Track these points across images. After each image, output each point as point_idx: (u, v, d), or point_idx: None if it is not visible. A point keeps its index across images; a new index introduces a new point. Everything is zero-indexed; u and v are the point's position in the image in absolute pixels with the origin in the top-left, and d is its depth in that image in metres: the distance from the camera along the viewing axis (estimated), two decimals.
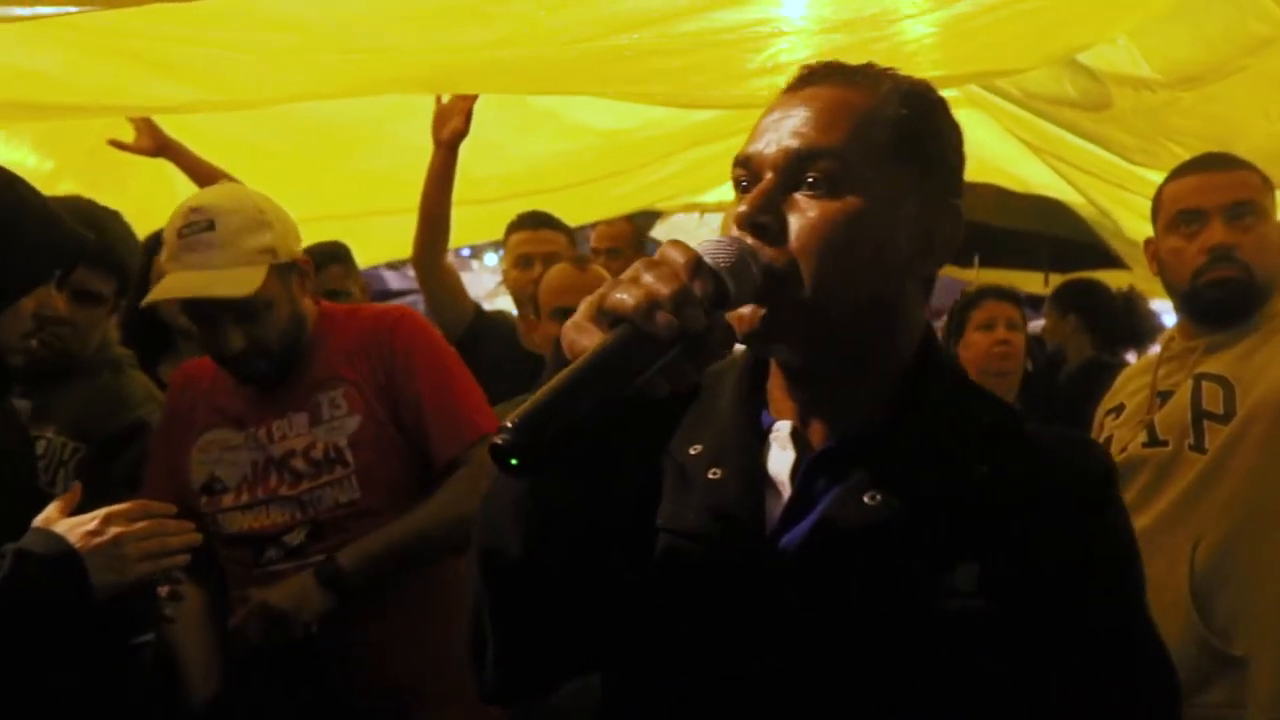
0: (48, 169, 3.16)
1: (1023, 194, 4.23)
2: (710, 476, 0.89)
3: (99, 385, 1.90)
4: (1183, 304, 1.79)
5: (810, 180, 0.84)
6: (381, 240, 3.48)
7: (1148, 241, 1.86)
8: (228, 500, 1.76)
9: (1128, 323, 3.93)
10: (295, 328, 1.74)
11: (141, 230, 2.90)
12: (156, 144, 2.67)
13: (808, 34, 2.03)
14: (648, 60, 2.02)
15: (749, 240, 0.83)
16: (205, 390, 1.81)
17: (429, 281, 2.74)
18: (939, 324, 4.21)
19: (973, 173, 4.20)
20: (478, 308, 2.88)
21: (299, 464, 1.73)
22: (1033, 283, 5.11)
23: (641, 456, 0.82)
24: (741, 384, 0.94)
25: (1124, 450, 1.77)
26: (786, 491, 0.88)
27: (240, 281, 1.65)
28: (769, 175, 0.85)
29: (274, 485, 1.73)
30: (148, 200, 3.21)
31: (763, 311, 0.84)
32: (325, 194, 3.28)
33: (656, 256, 0.76)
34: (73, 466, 1.80)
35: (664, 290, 0.73)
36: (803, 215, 0.84)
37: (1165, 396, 1.77)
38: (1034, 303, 4.64)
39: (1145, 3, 2.00)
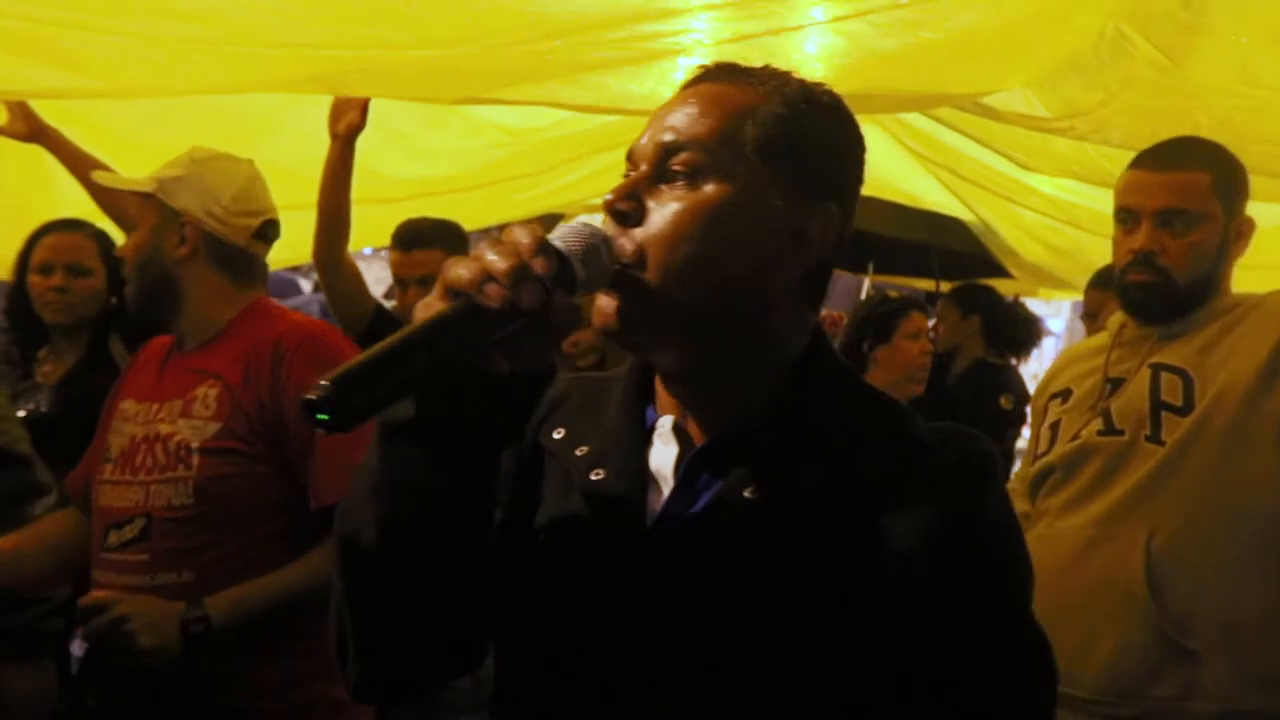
0: None
1: (915, 208, 4.45)
2: (593, 477, 0.91)
3: None
4: (1120, 291, 1.83)
5: (674, 170, 0.86)
6: (289, 235, 3.38)
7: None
8: (106, 471, 1.74)
9: (1024, 327, 4.20)
10: (152, 275, 1.77)
11: (15, 221, 2.77)
12: (31, 129, 2.56)
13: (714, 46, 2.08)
14: (570, 69, 2.05)
15: (611, 230, 0.85)
16: (144, 362, 1.85)
17: (329, 278, 2.70)
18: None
19: (869, 187, 4.42)
20: (378, 305, 2.85)
21: (159, 452, 1.68)
22: (924, 288, 5.40)
23: (497, 441, 0.84)
24: (629, 383, 0.96)
25: (1076, 437, 1.78)
26: (669, 487, 0.90)
27: (130, 182, 1.79)
28: (643, 167, 0.88)
29: (137, 466, 1.69)
30: (21, 190, 3.05)
31: (616, 303, 0.85)
32: None
33: (502, 235, 0.79)
34: None
35: (501, 265, 0.75)
36: (660, 204, 0.86)
37: (1117, 383, 1.78)
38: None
39: (1043, 54, 2.13)
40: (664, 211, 0.86)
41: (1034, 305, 5.77)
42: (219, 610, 1.59)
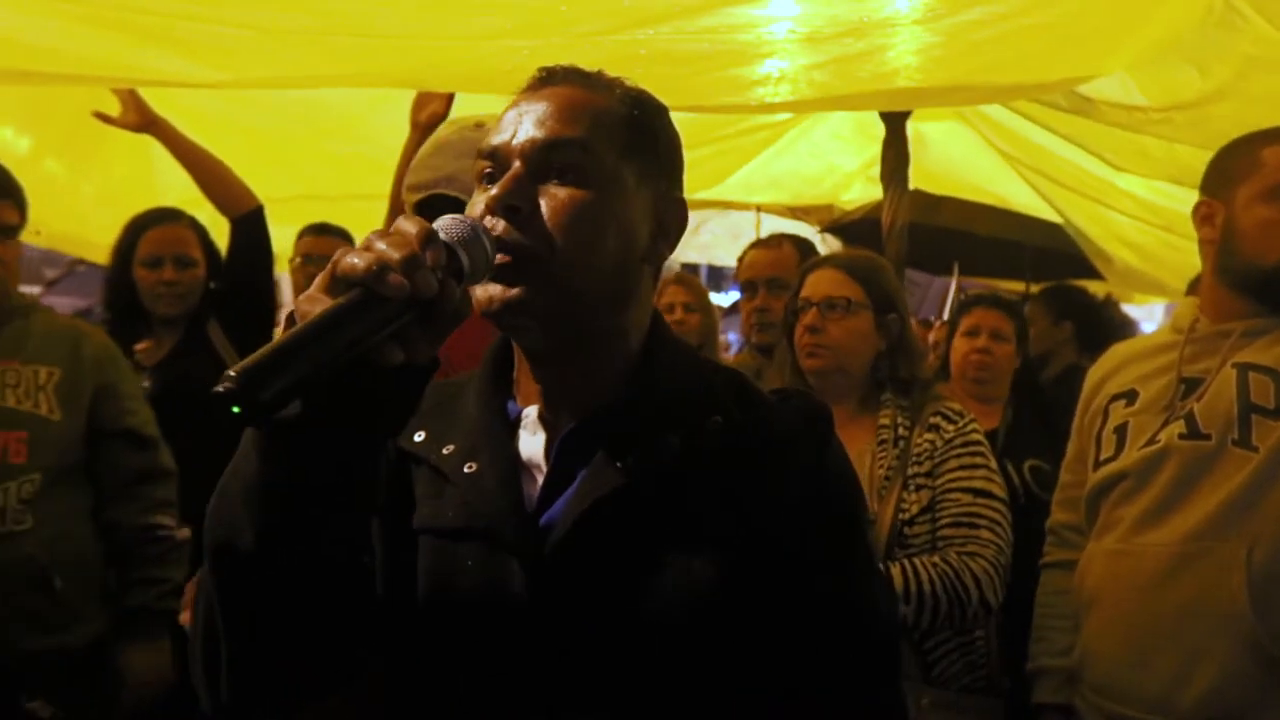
0: (25, 147, 3.16)
1: (1005, 209, 4.39)
2: (466, 470, 0.94)
3: (40, 321, 2.04)
4: (1256, 282, 1.67)
5: (559, 169, 0.92)
6: (367, 223, 3.52)
7: (1203, 203, 1.73)
8: None
9: (1118, 332, 4.08)
10: None
11: (120, 210, 2.91)
12: (143, 119, 2.68)
13: (809, 41, 2.11)
14: (659, 62, 2.09)
15: (492, 222, 0.90)
16: None
17: None
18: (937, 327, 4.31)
19: (956, 188, 4.38)
20: None
21: None
22: (1013, 288, 5.29)
23: (384, 435, 0.85)
24: (485, 379, 1.00)
25: (1153, 441, 1.68)
26: (542, 474, 0.94)
27: None
28: (517, 164, 0.92)
29: None
30: (125, 180, 3.20)
31: (512, 291, 0.90)
32: (307, 175, 3.31)
33: (389, 228, 0.81)
34: (51, 389, 1.96)
35: (395, 255, 0.77)
36: (555, 200, 0.91)
37: (1193, 384, 1.69)
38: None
39: (1143, 35, 2.10)
40: (562, 206, 0.91)
41: (1126, 308, 5.64)
42: None
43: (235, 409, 0.70)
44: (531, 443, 0.96)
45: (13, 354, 1.97)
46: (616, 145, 0.94)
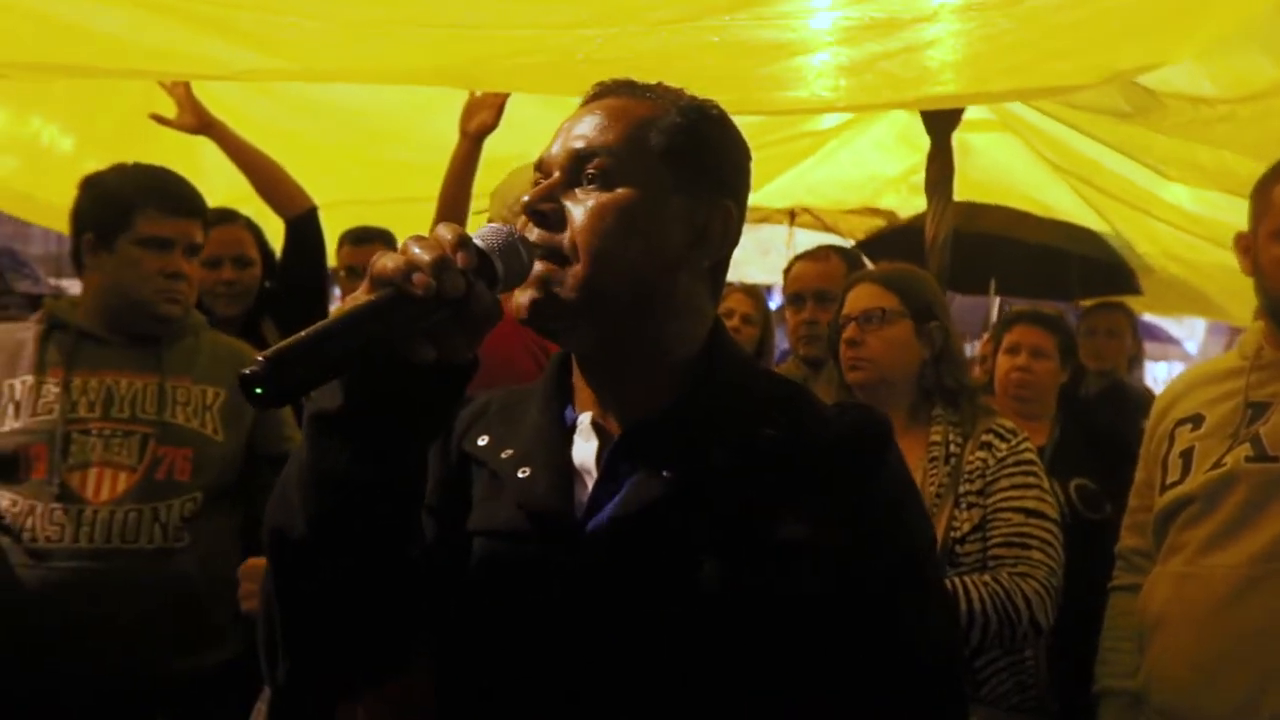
0: (67, 147, 3.19)
1: (1049, 218, 4.38)
2: (520, 475, 0.98)
3: (208, 340, 2.08)
4: None
5: (589, 175, 0.96)
6: (412, 227, 3.54)
7: (1240, 236, 1.82)
8: None
9: None
10: None
11: None
12: (200, 121, 2.72)
13: (872, 28, 2.12)
14: (731, 53, 2.11)
15: (530, 230, 0.95)
16: None
17: None
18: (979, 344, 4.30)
19: (1000, 195, 4.37)
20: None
21: None
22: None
23: (422, 433, 0.90)
24: (547, 386, 1.05)
25: (1219, 464, 1.72)
26: (593, 479, 0.97)
27: None
28: (556, 174, 0.98)
29: None
30: None
31: (540, 294, 0.94)
32: (354, 180, 3.34)
33: (428, 234, 0.86)
34: (217, 410, 2.00)
35: (425, 257, 0.82)
36: (580, 204, 0.96)
37: (1260, 408, 1.73)
38: None
39: (1213, 22, 2.11)
40: (583, 210, 0.95)
41: (1167, 325, 5.62)
42: None
43: (258, 390, 0.75)
44: (585, 449, 0.99)
45: (185, 371, 2.00)
46: (653, 151, 0.98)
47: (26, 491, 1.85)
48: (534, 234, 0.95)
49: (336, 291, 3.51)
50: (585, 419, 1.00)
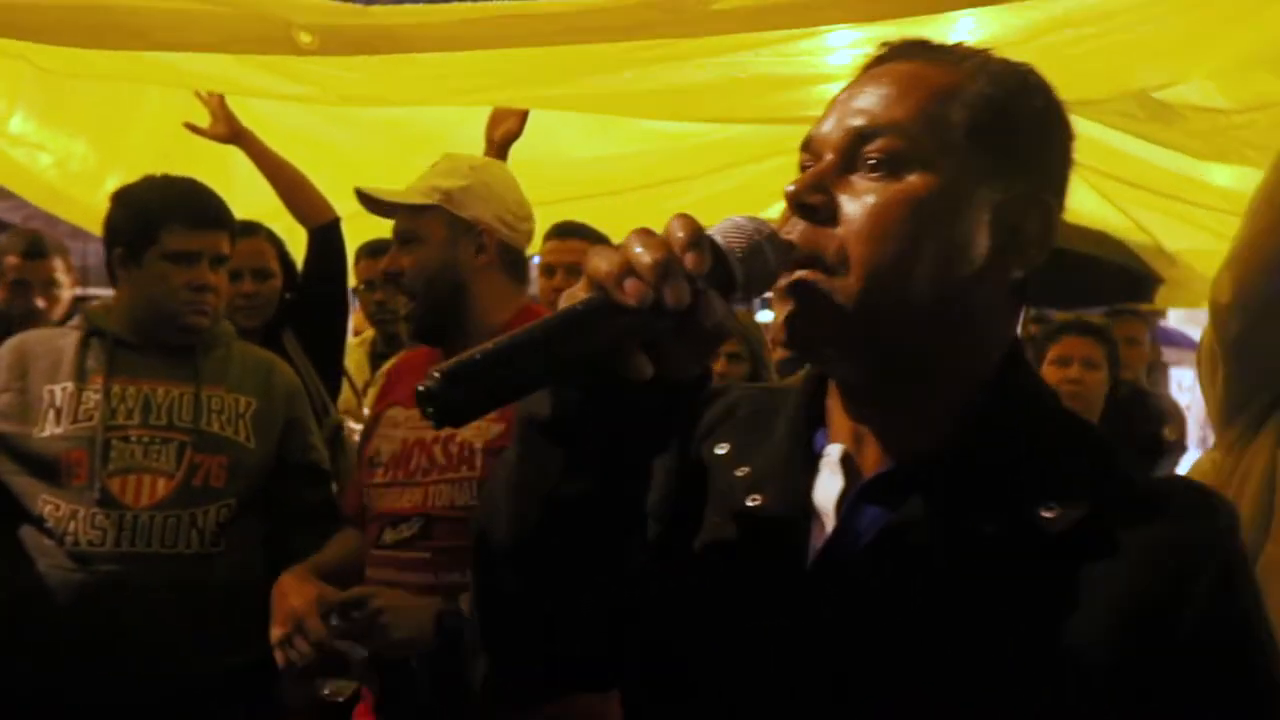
0: (93, 163, 3.28)
1: (1070, 222, 4.37)
2: (750, 503, 0.85)
3: (239, 350, 2.16)
4: None
5: (870, 160, 0.79)
6: None
7: None
8: (378, 475, 1.88)
9: None
10: (447, 287, 1.82)
11: None
12: (231, 131, 2.81)
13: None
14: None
15: (792, 227, 0.80)
16: (407, 369, 1.98)
17: None
18: None
19: None
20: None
21: (438, 454, 1.80)
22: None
23: (639, 452, 0.79)
24: (801, 402, 0.89)
25: None
26: (831, 522, 0.82)
27: (406, 194, 1.85)
28: (829, 156, 0.81)
29: (412, 469, 1.81)
30: None
31: (800, 312, 0.79)
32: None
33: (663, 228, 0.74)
34: (249, 418, 2.07)
35: (645, 258, 0.69)
36: (856, 196, 0.79)
37: None
38: None
39: (1228, 46, 2.15)
40: (861, 205, 0.78)
41: (1192, 331, 5.58)
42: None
43: (429, 410, 0.67)
44: (828, 485, 0.84)
45: (219, 380, 2.07)
46: (956, 131, 0.79)
47: (68, 496, 1.93)
48: (796, 232, 0.79)
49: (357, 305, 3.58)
50: (835, 451, 0.84)
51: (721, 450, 0.90)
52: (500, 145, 2.71)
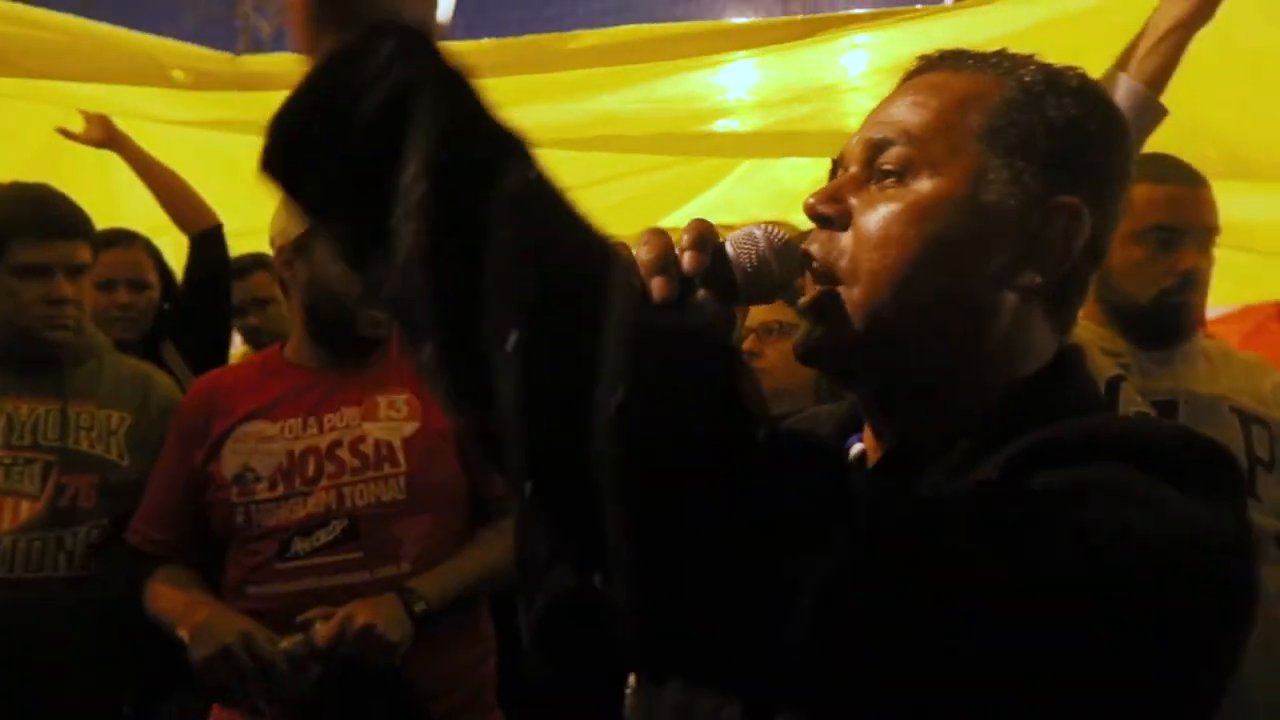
0: None
1: None
2: None
3: (111, 363, 2.09)
4: (1134, 318, 1.79)
5: (884, 170, 0.80)
6: None
7: None
8: (257, 491, 1.82)
9: None
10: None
11: None
12: (106, 135, 2.74)
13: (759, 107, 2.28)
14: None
15: (814, 240, 0.81)
16: (244, 387, 1.91)
17: None
18: None
19: None
20: None
21: (347, 456, 1.81)
22: None
23: None
24: (849, 409, 0.91)
25: None
26: None
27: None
28: (853, 169, 0.82)
29: (312, 476, 1.80)
30: (86, 201, 3.27)
31: (812, 325, 0.81)
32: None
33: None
34: (123, 435, 2.02)
35: (642, 254, 0.73)
36: (869, 206, 0.80)
37: None
38: None
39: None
40: (869, 214, 0.79)
41: None
42: (429, 592, 1.73)
43: None
44: None
45: (88, 396, 2.01)
46: (970, 134, 0.79)
47: None
48: (816, 244, 0.81)
49: None
50: (855, 449, 0.86)
51: None
52: None
